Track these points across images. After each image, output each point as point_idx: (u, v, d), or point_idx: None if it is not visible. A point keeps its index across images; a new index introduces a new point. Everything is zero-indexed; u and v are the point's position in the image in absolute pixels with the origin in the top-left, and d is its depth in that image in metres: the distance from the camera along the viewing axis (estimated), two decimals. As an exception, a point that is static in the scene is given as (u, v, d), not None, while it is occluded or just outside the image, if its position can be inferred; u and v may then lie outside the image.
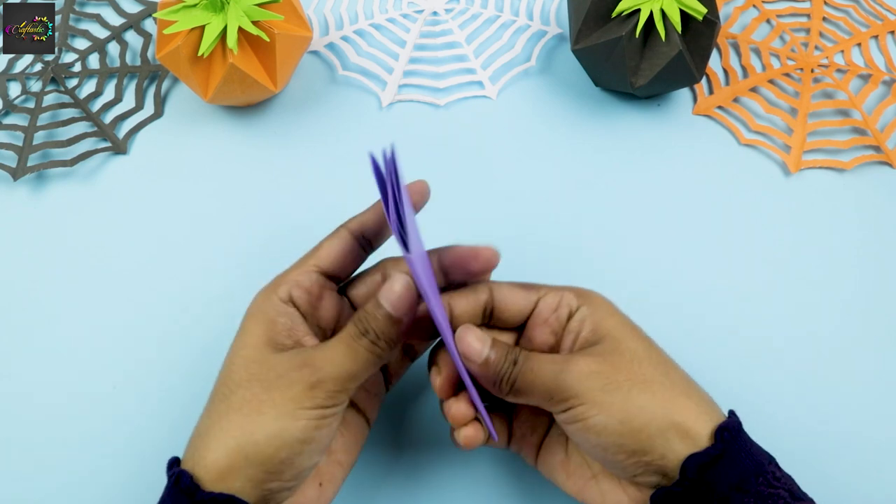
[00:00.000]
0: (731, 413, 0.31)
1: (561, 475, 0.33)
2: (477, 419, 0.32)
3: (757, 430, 0.32)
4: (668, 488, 0.29)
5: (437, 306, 0.31)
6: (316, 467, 0.31)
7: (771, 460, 0.29)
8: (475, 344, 0.31)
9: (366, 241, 0.33)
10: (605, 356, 0.30)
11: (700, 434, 0.29)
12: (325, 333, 0.33)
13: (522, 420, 0.34)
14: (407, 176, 0.46)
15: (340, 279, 0.34)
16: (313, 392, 0.29)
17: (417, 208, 0.33)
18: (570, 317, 0.32)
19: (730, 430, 0.29)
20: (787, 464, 0.30)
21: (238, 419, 0.28)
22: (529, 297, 0.33)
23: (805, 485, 0.30)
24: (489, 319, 0.33)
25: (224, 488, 0.28)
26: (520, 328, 0.34)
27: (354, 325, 0.30)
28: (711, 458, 0.28)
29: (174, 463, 0.29)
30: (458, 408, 0.32)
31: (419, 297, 0.30)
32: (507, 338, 0.34)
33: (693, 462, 0.28)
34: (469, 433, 0.32)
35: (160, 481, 0.30)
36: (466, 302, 0.32)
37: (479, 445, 0.32)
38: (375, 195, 0.47)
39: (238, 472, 0.28)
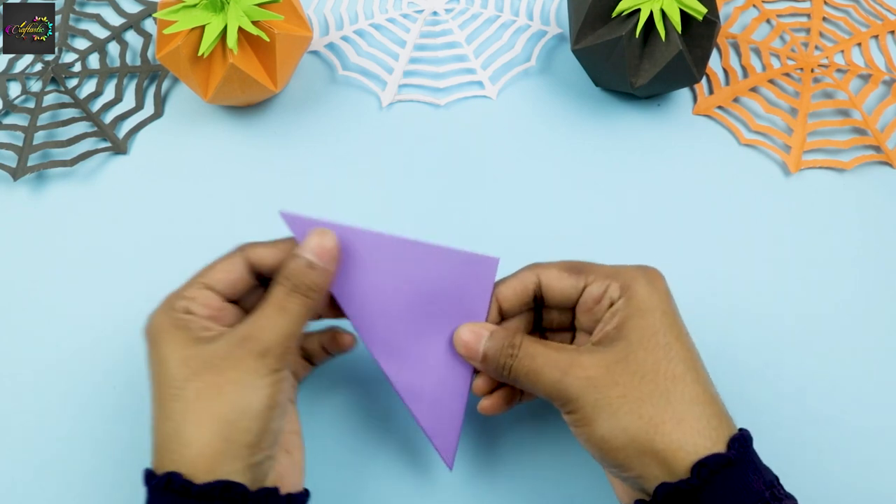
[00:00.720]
0: (736, 439, 0.29)
1: (580, 442, 0.34)
2: (495, 391, 0.34)
3: (756, 430, 0.31)
4: (643, 503, 0.30)
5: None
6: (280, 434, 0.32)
7: (771, 487, 0.28)
8: (470, 341, 0.33)
9: (260, 273, 0.33)
10: (609, 365, 0.30)
11: (680, 464, 0.28)
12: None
13: None
14: (406, 175, 0.46)
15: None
16: (264, 360, 0.30)
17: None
18: (610, 306, 0.32)
19: (710, 466, 0.28)
20: (787, 465, 0.30)
21: (204, 408, 0.29)
22: (577, 283, 0.33)
23: (805, 480, 0.30)
24: (541, 303, 0.34)
25: (216, 476, 0.28)
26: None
27: (281, 285, 0.31)
28: (679, 490, 0.28)
29: (151, 474, 0.29)
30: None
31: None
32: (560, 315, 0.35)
33: (663, 491, 0.28)
34: (484, 404, 0.34)
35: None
36: (513, 292, 0.34)
37: (498, 412, 0.35)
38: (374, 197, 0.47)
39: (224, 456, 0.28)
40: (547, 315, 0.36)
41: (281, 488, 0.30)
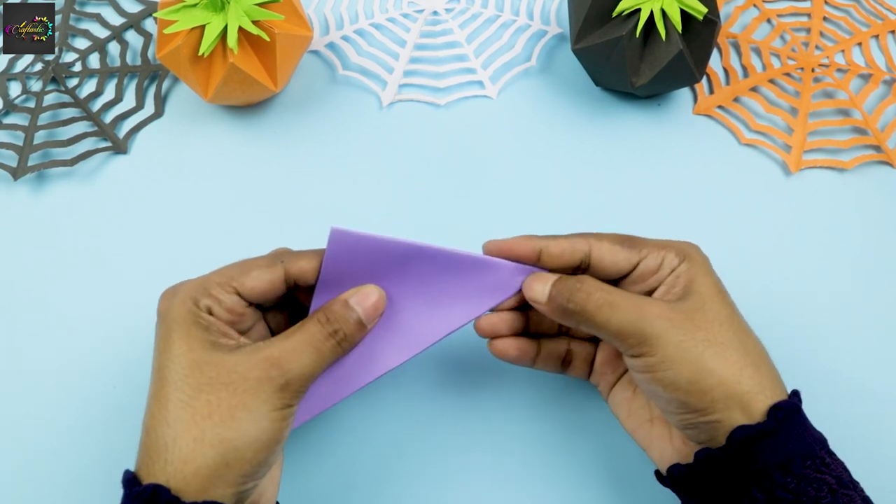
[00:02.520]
0: (794, 393, 0.31)
1: (623, 411, 0.35)
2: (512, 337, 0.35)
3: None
4: (711, 451, 0.29)
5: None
6: None
7: (823, 446, 0.30)
8: (536, 285, 0.32)
9: (295, 283, 0.33)
10: (688, 312, 0.30)
11: (757, 408, 0.29)
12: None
13: (604, 359, 0.36)
14: (406, 175, 0.46)
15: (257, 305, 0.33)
16: (282, 393, 0.29)
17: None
18: (670, 273, 0.32)
19: (784, 410, 0.29)
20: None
21: (212, 427, 0.28)
22: (631, 257, 0.33)
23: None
24: (583, 271, 0.34)
25: (206, 497, 0.28)
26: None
27: (322, 326, 0.30)
28: (759, 433, 0.28)
29: (133, 479, 0.28)
30: (483, 324, 0.34)
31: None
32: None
33: (740, 433, 0.29)
34: (499, 346, 0.34)
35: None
36: (561, 250, 0.33)
37: (512, 359, 0.35)
38: (374, 196, 0.47)
39: (220, 479, 0.28)
40: (535, 317, 0.36)
41: None
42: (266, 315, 0.34)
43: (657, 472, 0.33)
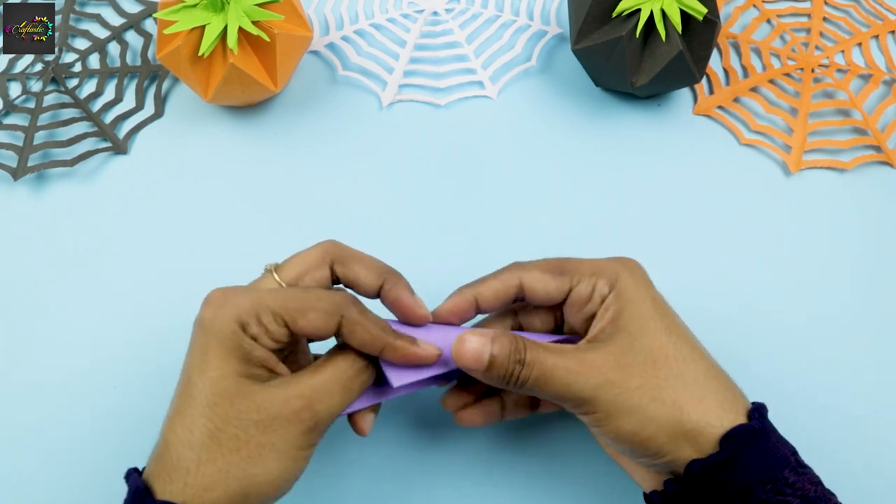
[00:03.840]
0: (755, 410, 0.30)
1: (602, 440, 0.34)
2: (474, 403, 0.35)
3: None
4: (676, 484, 0.30)
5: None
6: None
7: (787, 464, 0.29)
8: (472, 352, 0.30)
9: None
10: (619, 357, 0.30)
11: (707, 440, 0.29)
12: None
13: None
14: (406, 175, 0.46)
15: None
16: (310, 434, 0.29)
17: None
18: (601, 302, 0.32)
19: (737, 437, 0.29)
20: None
21: (238, 461, 0.28)
22: (562, 286, 0.32)
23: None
24: (523, 301, 0.34)
25: None
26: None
27: (357, 360, 0.30)
28: (712, 465, 0.28)
29: (146, 490, 0.28)
30: (448, 402, 0.35)
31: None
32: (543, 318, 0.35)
33: (694, 468, 0.29)
34: (464, 417, 0.34)
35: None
36: (493, 292, 0.33)
37: (480, 424, 0.35)
38: (374, 197, 0.47)
39: None
40: (528, 324, 0.35)
41: None
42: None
43: (644, 495, 0.32)
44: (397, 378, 0.31)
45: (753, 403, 0.31)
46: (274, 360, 0.30)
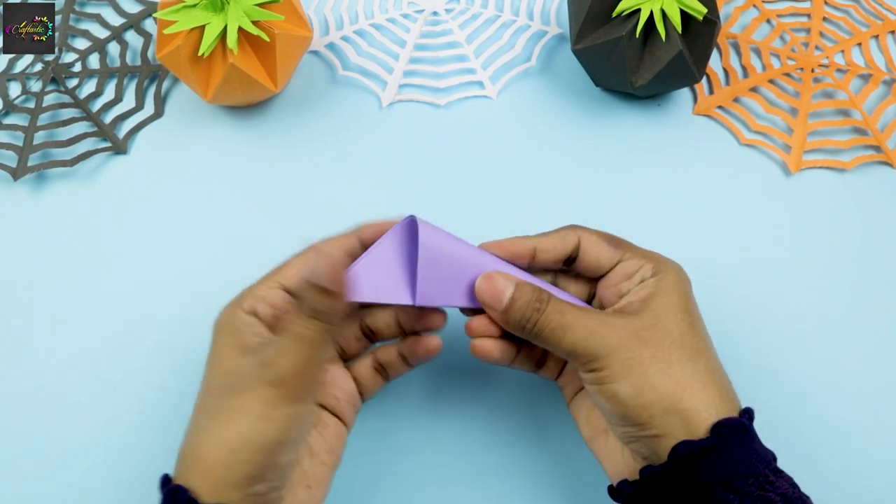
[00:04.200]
0: (745, 412, 0.31)
1: (582, 418, 0.35)
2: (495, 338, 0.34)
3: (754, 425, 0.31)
4: (654, 468, 0.30)
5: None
6: (301, 470, 0.31)
7: (769, 465, 0.29)
8: (491, 291, 0.32)
9: None
10: (639, 329, 0.31)
11: (700, 425, 0.29)
12: None
13: (573, 365, 0.35)
14: (406, 175, 0.46)
15: None
16: (278, 391, 0.28)
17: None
18: (640, 283, 0.33)
19: (728, 427, 0.29)
20: (785, 461, 0.30)
21: (215, 429, 0.29)
22: (614, 255, 0.34)
23: (800, 474, 0.30)
24: (572, 264, 0.34)
25: (218, 499, 0.28)
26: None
27: (299, 310, 0.30)
28: (701, 448, 0.29)
29: (167, 480, 0.29)
30: (475, 324, 0.34)
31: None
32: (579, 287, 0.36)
33: (681, 448, 0.29)
34: (484, 347, 0.34)
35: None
36: (552, 244, 0.34)
37: (494, 360, 0.34)
38: (374, 197, 0.47)
39: (225, 482, 0.28)
40: (563, 285, 0.36)
41: None
42: None
43: (609, 488, 0.33)
44: (423, 297, 0.32)
45: (745, 407, 0.31)
46: (265, 332, 0.31)
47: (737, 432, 0.29)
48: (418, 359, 0.35)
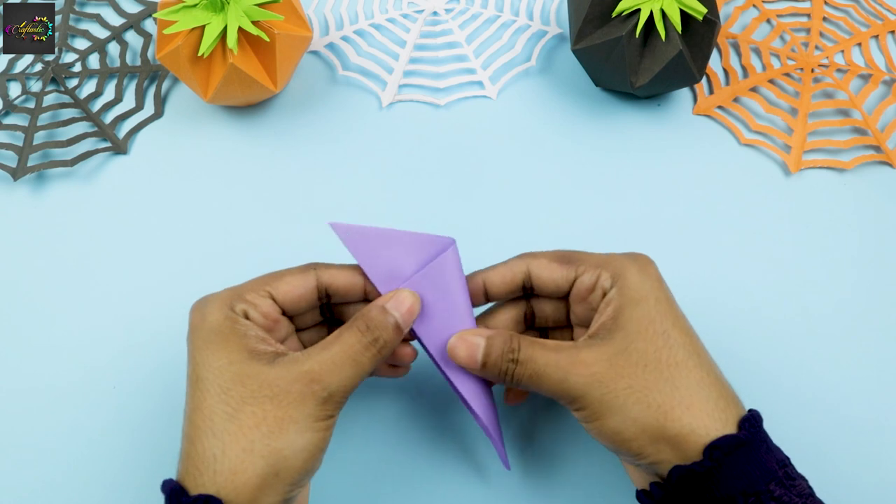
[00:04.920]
0: (747, 419, 0.30)
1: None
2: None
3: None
4: (660, 488, 0.30)
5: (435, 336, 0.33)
6: None
7: (773, 477, 0.28)
8: (466, 351, 0.32)
9: (326, 294, 0.33)
10: (612, 358, 0.30)
11: (692, 448, 0.29)
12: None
13: None
14: (406, 175, 0.46)
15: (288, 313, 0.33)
16: (325, 406, 0.29)
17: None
18: (603, 296, 0.32)
19: (722, 448, 0.28)
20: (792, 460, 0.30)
21: (261, 438, 0.28)
22: (567, 274, 0.33)
23: (810, 475, 0.30)
24: (531, 292, 0.34)
25: None
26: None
27: (362, 335, 0.30)
28: (694, 473, 0.28)
29: (180, 489, 0.28)
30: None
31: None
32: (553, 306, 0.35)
33: (676, 473, 0.29)
34: (511, 398, 0.36)
35: (160, 479, 0.30)
36: (501, 278, 0.33)
37: (515, 402, 0.36)
38: (374, 197, 0.47)
39: (270, 488, 0.28)
40: (540, 311, 0.35)
41: None
42: (302, 335, 0.34)
43: (637, 492, 0.32)
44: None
45: (750, 411, 0.30)
46: (272, 340, 0.31)
47: (734, 448, 0.28)
48: (398, 365, 0.35)
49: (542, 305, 0.35)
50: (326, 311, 0.35)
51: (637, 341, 0.30)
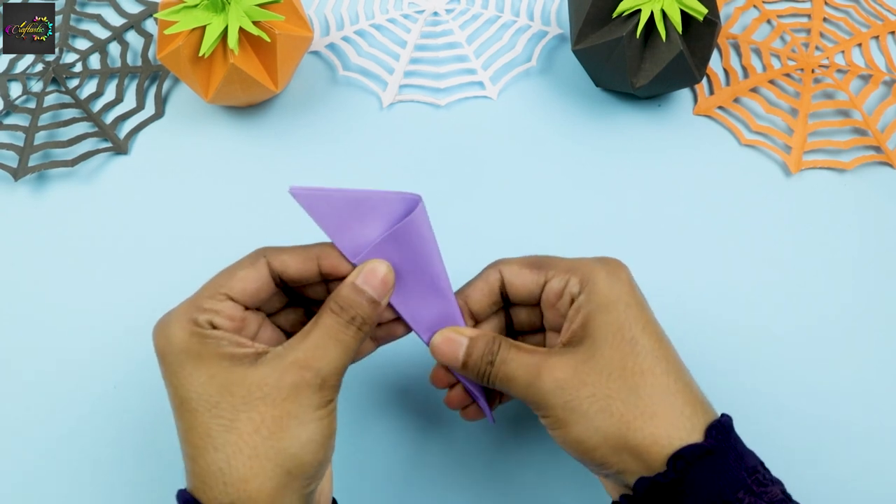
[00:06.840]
0: (714, 426, 0.29)
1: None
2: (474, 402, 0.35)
3: (754, 429, 0.31)
4: (628, 498, 0.29)
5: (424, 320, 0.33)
6: None
7: (742, 485, 0.28)
8: (449, 350, 0.32)
9: (283, 281, 0.32)
10: (576, 366, 0.30)
11: (655, 458, 0.28)
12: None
13: None
14: (406, 175, 0.46)
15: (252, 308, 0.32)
16: (321, 392, 0.29)
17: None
18: (572, 302, 0.32)
19: (686, 457, 0.28)
20: (785, 461, 0.30)
21: (263, 442, 0.28)
22: (537, 279, 0.33)
23: (803, 475, 0.30)
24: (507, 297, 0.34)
25: None
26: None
27: (337, 315, 0.30)
28: (657, 484, 0.28)
29: (194, 502, 0.28)
30: (452, 397, 0.35)
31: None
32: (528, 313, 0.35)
33: (642, 485, 0.28)
34: (468, 414, 0.35)
35: (161, 480, 0.30)
36: (480, 292, 0.33)
37: (478, 419, 0.35)
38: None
39: (286, 489, 0.28)
40: (516, 316, 0.35)
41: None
42: (279, 317, 0.33)
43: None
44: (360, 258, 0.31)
45: (723, 415, 0.30)
46: (246, 340, 0.30)
47: (699, 457, 0.28)
48: (386, 339, 0.34)
49: (518, 314, 0.35)
50: (289, 291, 0.33)
51: (604, 348, 0.30)
